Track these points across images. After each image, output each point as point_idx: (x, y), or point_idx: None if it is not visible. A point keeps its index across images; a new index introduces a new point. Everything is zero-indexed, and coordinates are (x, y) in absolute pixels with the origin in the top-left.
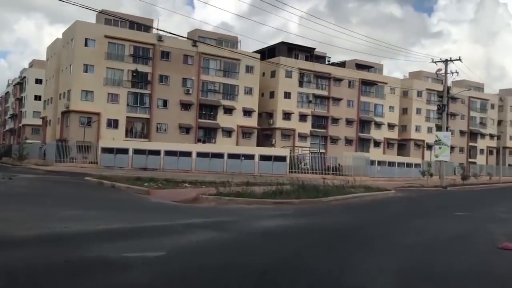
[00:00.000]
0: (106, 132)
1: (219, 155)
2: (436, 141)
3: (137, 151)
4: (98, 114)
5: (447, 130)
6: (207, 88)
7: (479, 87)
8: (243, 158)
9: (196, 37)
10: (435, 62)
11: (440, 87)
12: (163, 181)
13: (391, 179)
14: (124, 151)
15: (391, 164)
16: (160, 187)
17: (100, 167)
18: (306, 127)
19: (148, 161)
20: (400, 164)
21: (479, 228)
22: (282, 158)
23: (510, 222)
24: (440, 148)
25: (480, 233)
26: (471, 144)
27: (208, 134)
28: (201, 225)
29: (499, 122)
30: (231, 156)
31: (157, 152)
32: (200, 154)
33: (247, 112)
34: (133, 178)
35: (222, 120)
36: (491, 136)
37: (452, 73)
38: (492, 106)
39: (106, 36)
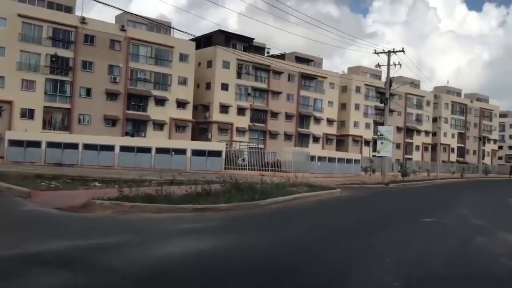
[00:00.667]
0: (20, 123)
1: (146, 150)
2: (378, 135)
3: (51, 145)
4: (10, 102)
5: (387, 124)
6: (137, 76)
7: (416, 84)
8: (173, 153)
9: (125, 21)
10: (377, 53)
11: (378, 83)
12: (68, 180)
13: (332, 175)
14: (36, 144)
15: (331, 160)
16: (55, 188)
17: (7, 162)
18: (244, 121)
19: (64, 156)
20: (340, 160)
21: (471, 246)
22: (217, 153)
23: (495, 233)
24: (382, 143)
25: (482, 256)
26: (407, 140)
27: (137, 127)
28: (55, 257)
29: (434, 119)
30: (160, 150)
31: (74, 146)
32: (124, 148)
33: (181, 104)
34: (32, 176)
35: (153, 112)
36: (427, 132)
37: (395, 65)
38: (428, 103)
39: (20, 15)
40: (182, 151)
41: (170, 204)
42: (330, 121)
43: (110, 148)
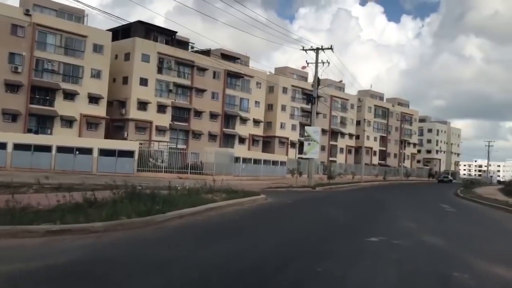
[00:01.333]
0: None
1: (46, 148)
2: (305, 136)
3: None
4: None
5: (315, 125)
6: (43, 67)
7: (340, 87)
8: (77, 152)
9: (30, 5)
10: (305, 50)
11: (305, 84)
12: None
13: (257, 178)
14: None
15: (256, 161)
16: None
17: None
18: (165, 120)
19: None
20: (266, 162)
21: None
22: (129, 153)
23: (467, 260)
24: (309, 144)
25: None
26: (332, 143)
27: (43, 123)
28: None
29: (358, 122)
30: (62, 149)
31: None
32: (18, 146)
33: (94, 99)
34: None
35: (62, 107)
36: (351, 135)
37: (323, 63)
38: (352, 106)
39: None
40: (87, 151)
41: (12, 224)
42: (256, 122)
43: (2, 146)
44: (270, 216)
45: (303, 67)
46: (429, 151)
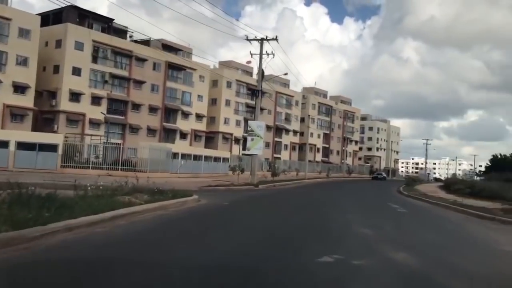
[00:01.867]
0: None
1: None
2: (248, 131)
3: None
4: None
5: (259, 119)
6: None
7: (285, 83)
8: None
9: None
10: (249, 40)
11: (250, 79)
12: None
13: (197, 175)
14: None
15: (197, 158)
16: None
17: None
18: (100, 112)
19: None
20: (207, 158)
21: None
22: (52, 147)
23: None
24: (252, 139)
25: None
26: (276, 139)
27: None
28: None
29: (302, 119)
30: None
31: None
32: None
33: (20, 88)
34: None
35: None
36: (295, 132)
37: (268, 54)
38: (297, 103)
39: None
40: (3, 144)
41: None
42: (199, 117)
43: None
44: (195, 226)
45: (248, 62)
46: (370, 149)
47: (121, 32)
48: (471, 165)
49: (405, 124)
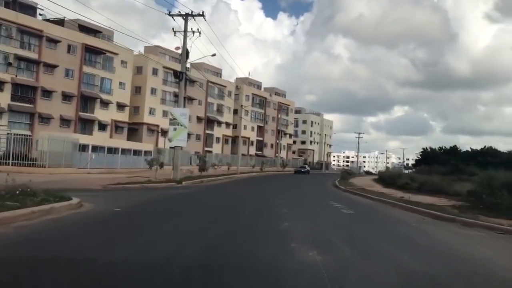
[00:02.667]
0: None
1: None
2: (170, 120)
3: None
4: None
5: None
6: None
7: (217, 73)
8: None
9: None
10: (172, 16)
11: (178, 67)
12: None
13: (113, 170)
14: None
15: (113, 151)
16: None
17: None
18: (3, 99)
19: None
20: (126, 152)
21: None
22: None
23: None
24: (175, 129)
25: None
26: (208, 131)
27: None
28: None
29: (235, 111)
30: None
31: None
32: None
33: None
34: None
35: None
36: (227, 124)
37: (193, 32)
38: (229, 94)
39: None
40: None
41: None
42: (121, 106)
43: None
44: (42, 261)
45: (177, 48)
46: (303, 142)
47: (29, 9)
48: (399, 158)
49: (336, 118)
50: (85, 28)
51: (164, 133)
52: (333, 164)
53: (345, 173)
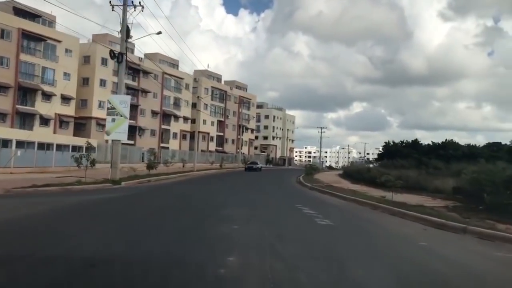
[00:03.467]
0: None
1: None
2: (108, 109)
3: None
4: None
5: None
6: None
7: (174, 64)
8: None
9: None
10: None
11: (131, 57)
12: None
13: (45, 169)
14: None
15: (44, 146)
16: None
17: None
18: None
19: None
20: (62, 148)
21: None
22: None
23: None
24: (113, 120)
25: None
26: (164, 126)
27: None
28: None
29: (194, 105)
30: None
31: None
32: None
33: None
34: None
35: None
36: (185, 118)
37: (135, 6)
38: (187, 87)
39: None
40: None
41: None
42: (66, 99)
43: None
44: None
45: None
46: (266, 137)
47: None
48: (360, 153)
49: (297, 114)
50: (21, 12)
51: None
52: (296, 160)
53: (310, 168)
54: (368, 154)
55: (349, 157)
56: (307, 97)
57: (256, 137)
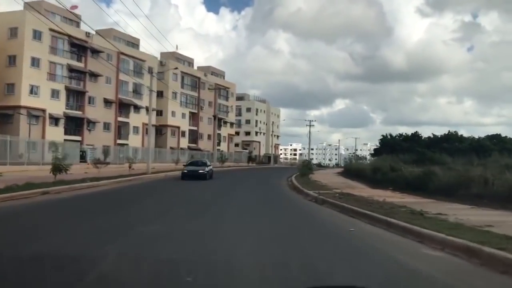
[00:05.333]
0: None
1: None
2: None
3: None
4: None
5: None
6: None
7: (133, 43)
8: None
9: None
10: None
11: (75, 32)
12: None
13: None
14: None
15: None
16: None
17: None
18: None
19: None
20: None
21: None
22: None
23: None
24: None
25: None
26: (121, 119)
27: None
28: None
29: (160, 94)
30: None
31: None
32: None
33: None
34: None
35: None
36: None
37: None
38: (151, 71)
39: None
40: None
41: None
42: None
43: None
44: None
45: (73, 7)
46: (248, 133)
47: None
48: (347, 149)
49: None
50: None
51: (57, 121)
52: (281, 158)
53: (305, 167)
54: (357, 150)
55: (336, 154)
56: (289, 95)
57: (237, 133)
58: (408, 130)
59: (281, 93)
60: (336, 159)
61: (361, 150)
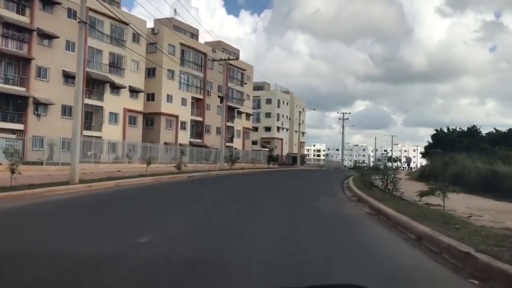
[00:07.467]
0: None
1: None
2: None
3: None
4: None
5: None
6: None
7: (116, 1)
8: None
9: None
10: None
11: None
12: None
13: None
14: None
15: None
16: None
17: None
18: None
19: None
20: None
21: None
22: None
23: None
24: None
25: None
26: (90, 102)
27: None
28: None
29: (151, 72)
30: None
31: None
32: None
33: None
34: None
35: None
36: (133, 91)
37: None
38: (137, 40)
39: None
40: None
41: None
42: None
43: None
44: None
45: None
46: (268, 129)
47: None
48: (377, 150)
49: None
50: None
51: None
52: (309, 158)
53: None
54: (385, 151)
55: (363, 155)
56: (309, 97)
57: (255, 128)
58: (430, 132)
59: (300, 95)
60: (364, 160)
61: (390, 151)
